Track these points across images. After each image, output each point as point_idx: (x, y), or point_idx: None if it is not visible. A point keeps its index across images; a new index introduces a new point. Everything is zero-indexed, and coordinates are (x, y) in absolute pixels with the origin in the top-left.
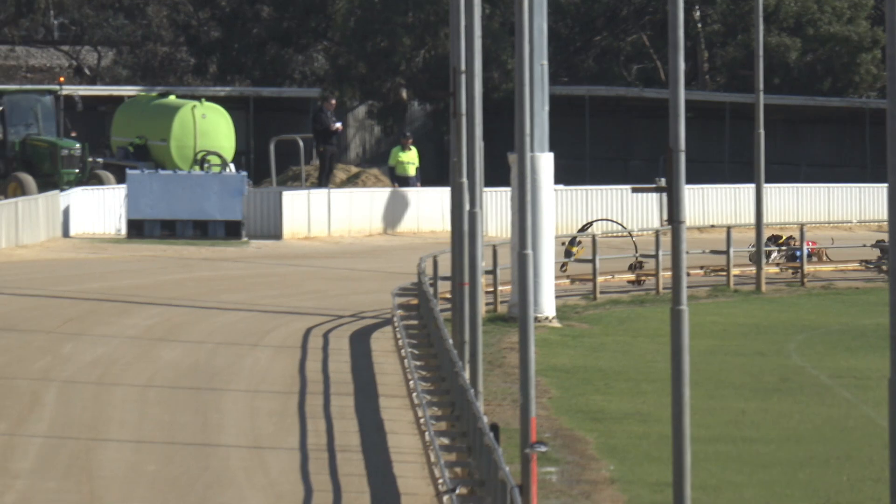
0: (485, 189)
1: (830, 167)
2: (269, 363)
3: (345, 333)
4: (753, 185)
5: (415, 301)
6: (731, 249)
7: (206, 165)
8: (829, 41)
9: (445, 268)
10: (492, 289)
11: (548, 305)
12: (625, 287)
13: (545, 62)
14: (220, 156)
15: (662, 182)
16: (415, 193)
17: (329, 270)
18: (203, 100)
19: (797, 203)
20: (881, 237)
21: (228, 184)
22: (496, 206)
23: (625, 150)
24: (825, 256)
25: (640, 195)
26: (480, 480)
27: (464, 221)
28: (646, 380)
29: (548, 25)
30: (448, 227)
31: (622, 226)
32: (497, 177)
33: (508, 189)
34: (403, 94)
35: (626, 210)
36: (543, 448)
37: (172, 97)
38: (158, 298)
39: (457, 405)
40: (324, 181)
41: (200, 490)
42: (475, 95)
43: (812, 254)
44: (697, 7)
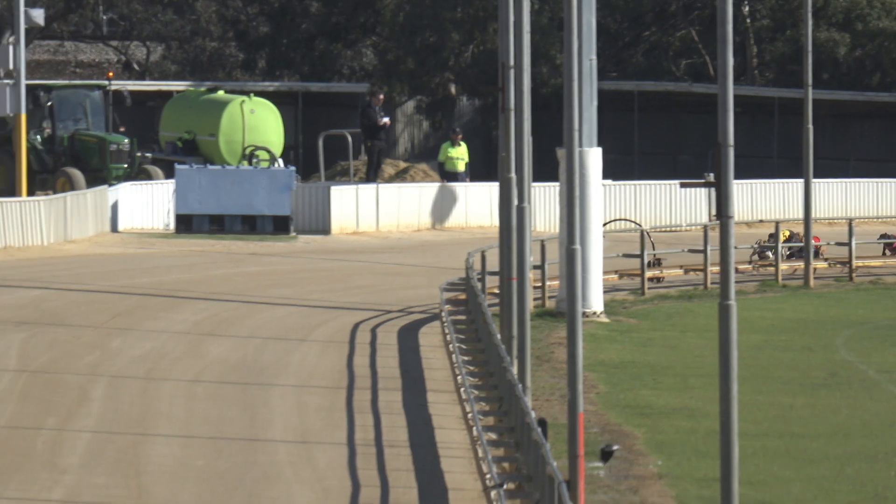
0: (533, 184)
1: (879, 162)
2: (317, 358)
3: (393, 328)
4: (802, 181)
5: (463, 296)
6: (780, 245)
7: (255, 160)
8: (878, 36)
9: (493, 263)
10: (540, 284)
11: (596, 300)
12: (673, 282)
13: (594, 57)
14: (269, 151)
15: (711, 177)
16: (463, 188)
17: (377, 265)
18: (252, 95)
19: (846, 198)
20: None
21: (277, 179)
22: (544, 202)
23: (673, 146)
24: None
25: (689, 190)
26: (528, 476)
27: (512, 216)
28: (694, 375)
29: (597, 20)
30: (496, 222)
31: (637, 224)
32: (545, 172)
33: (557, 184)
34: (452, 90)
35: (675, 205)
36: (615, 447)
37: (221, 92)
38: (206, 293)
39: (504, 400)
40: (372, 176)
41: (248, 485)
42: (524, 90)
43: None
44: (746, 2)
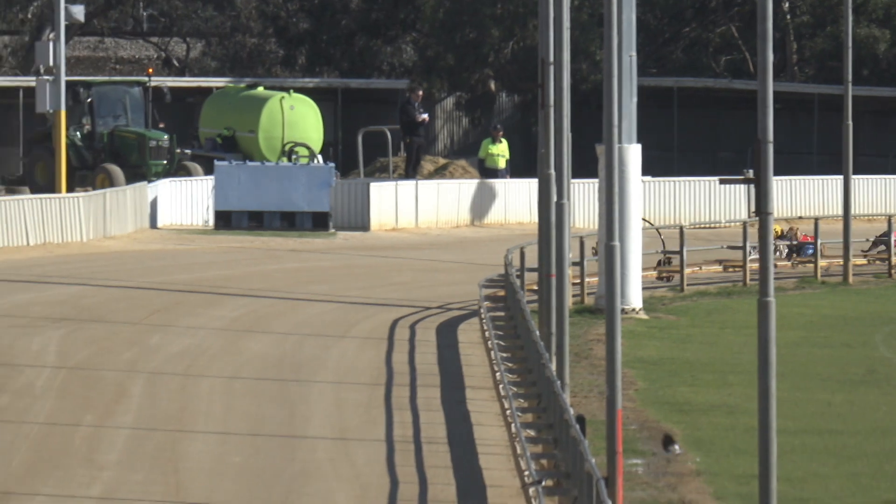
0: (572, 180)
1: None
2: (356, 355)
3: (431, 325)
4: (841, 177)
5: (502, 292)
6: (819, 241)
7: (294, 157)
8: None
9: (532, 259)
10: (579, 280)
11: (635, 297)
12: (712, 278)
13: (634, 53)
14: (308, 147)
15: (750, 173)
16: (502, 185)
17: (416, 262)
18: (291, 91)
19: (885, 194)
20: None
21: (316, 175)
22: (584, 198)
23: (713, 142)
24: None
25: (728, 187)
26: (566, 472)
27: (551, 213)
28: (732, 371)
29: (637, 17)
30: (535, 219)
31: (650, 223)
32: (585, 168)
33: (596, 180)
34: (492, 86)
35: (714, 201)
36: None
37: (261, 88)
38: (245, 290)
39: (543, 397)
40: (411, 172)
41: (286, 482)
42: (563, 87)
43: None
44: None
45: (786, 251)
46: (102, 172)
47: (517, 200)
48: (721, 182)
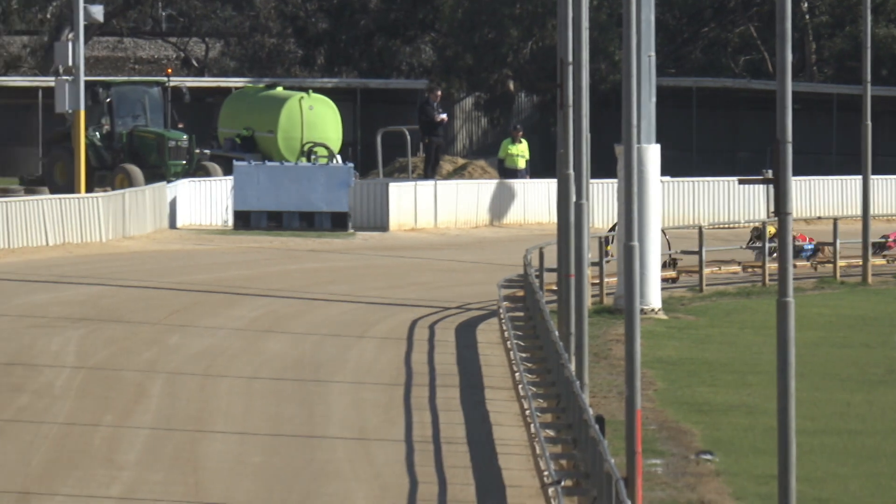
0: (591, 180)
1: None
2: (375, 355)
3: (451, 325)
4: (860, 177)
5: (521, 293)
6: (838, 241)
7: (313, 157)
8: None
9: (551, 259)
10: (598, 280)
11: (654, 297)
12: (731, 278)
13: (653, 53)
14: (328, 147)
15: (769, 173)
16: (521, 185)
17: (435, 262)
18: (310, 91)
19: None
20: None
21: (335, 175)
22: (603, 198)
23: (732, 142)
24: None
25: (747, 187)
26: (585, 472)
27: (570, 213)
28: (751, 372)
29: (655, 17)
30: (554, 219)
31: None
32: (604, 168)
33: (615, 181)
34: (510, 86)
35: (733, 201)
36: (710, 456)
37: (280, 88)
38: (264, 290)
39: (562, 397)
40: (430, 173)
41: (306, 482)
42: (582, 87)
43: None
44: None
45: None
46: (121, 173)
47: (536, 201)
48: (740, 182)
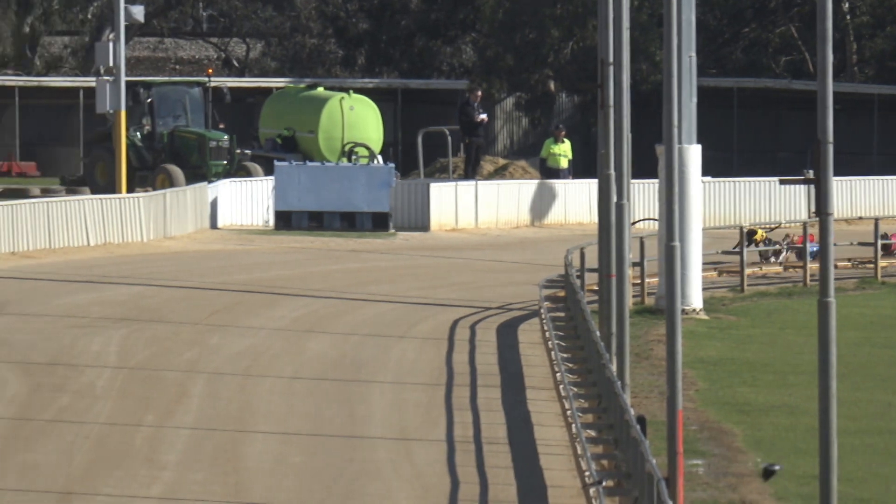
0: (632, 181)
1: None
2: (416, 355)
3: (492, 325)
4: None
5: (562, 293)
6: (880, 241)
7: (354, 157)
8: None
9: (592, 260)
10: (639, 281)
11: (695, 297)
12: (772, 279)
13: (693, 54)
14: (368, 147)
15: (810, 174)
16: (562, 185)
17: (476, 262)
18: (351, 92)
19: None
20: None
21: (376, 175)
22: (644, 198)
23: (773, 142)
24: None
25: (788, 187)
26: (627, 473)
27: (611, 213)
28: (793, 372)
29: (696, 17)
30: (595, 219)
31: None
32: (645, 168)
33: (656, 181)
34: (551, 86)
35: (774, 202)
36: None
37: (321, 89)
38: (305, 290)
39: (603, 397)
40: (471, 173)
41: (346, 482)
42: (623, 87)
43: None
44: None
45: (772, 257)
46: (162, 173)
47: (577, 201)
48: (781, 182)
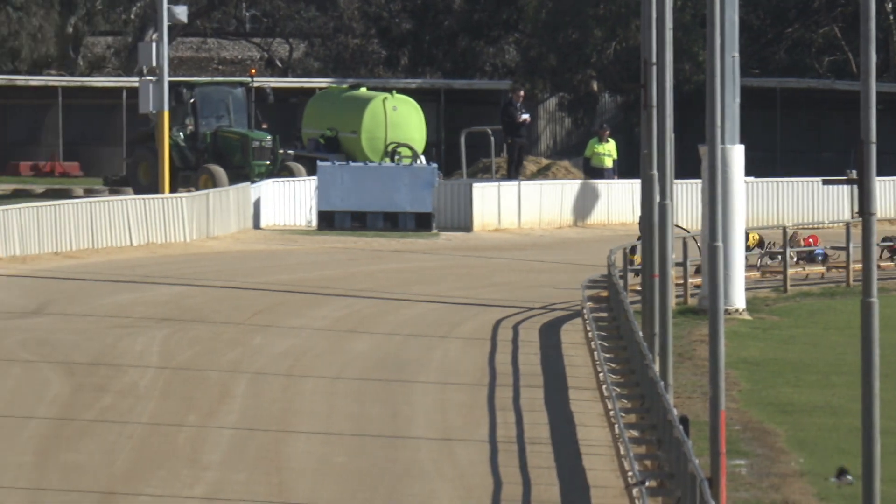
0: (675, 181)
1: None
2: (459, 355)
3: (534, 325)
4: None
5: (605, 293)
6: None
7: (397, 157)
8: None
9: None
10: (682, 281)
11: (738, 298)
12: (815, 279)
13: (736, 54)
14: (411, 147)
15: (853, 174)
16: (605, 185)
17: (519, 262)
18: (394, 92)
19: None
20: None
21: (419, 176)
22: (687, 199)
23: (816, 142)
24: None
25: (831, 187)
26: (670, 473)
27: (654, 213)
28: (836, 372)
29: (739, 17)
30: (638, 220)
31: (686, 230)
32: (688, 169)
33: (699, 181)
34: (594, 86)
35: (817, 202)
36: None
37: (364, 89)
38: (348, 290)
39: (646, 398)
40: (513, 173)
41: (390, 482)
42: (666, 87)
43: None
44: None
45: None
46: (205, 173)
47: (620, 201)
48: (824, 183)
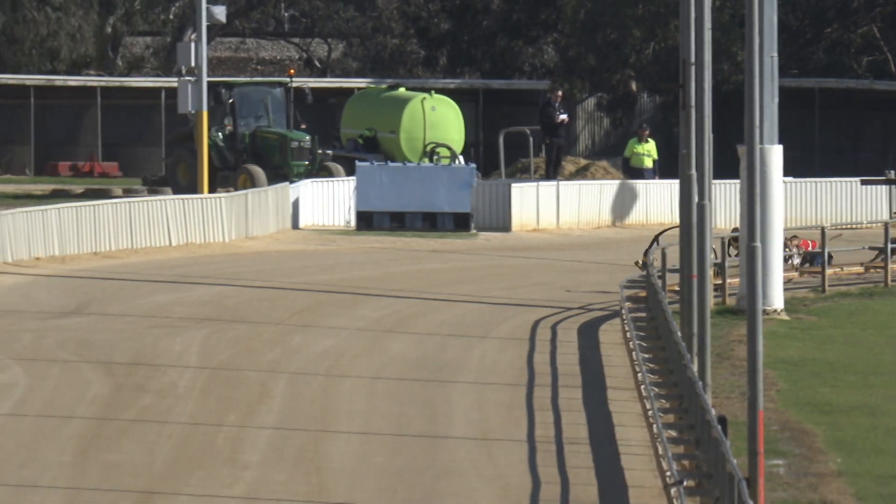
0: (714, 181)
1: None
2: (497, 355)
3: (573, 325)
4: None
5: (643, 293)
6: None
7: (436, 158)
8: None
9: (674, 260)
10: (720, 281)
11: (776, 298)
12: (853, 279)
13: (775, 54)
14: (450, 148)
15: (892, 174)
16: (644, 185)
17: (557, 262)
18: (433, 92)
19: None
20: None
21: (457, 176)
22: (725, 199)
23: (855, 143)
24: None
25: (870, 187)
26: (708, 473)
27: (692, 214)
28: (874, 372)
29: (778, 17)
30: (677, 220)
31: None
32: (726, 169)
33: (738, 181)
34: (633, 87)
35: (855, 202)
36: None
37: (402, 89)
38: (387, 290)
39: (685, 397)
40: (552, 173)
41: (428, 482)
42: (705, 87)
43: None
44: None
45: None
46: (244, 173)
47: (659, 201)
48: (862, 183)
